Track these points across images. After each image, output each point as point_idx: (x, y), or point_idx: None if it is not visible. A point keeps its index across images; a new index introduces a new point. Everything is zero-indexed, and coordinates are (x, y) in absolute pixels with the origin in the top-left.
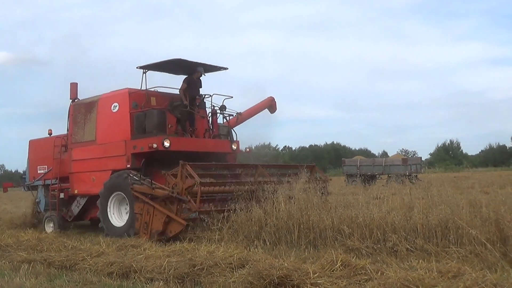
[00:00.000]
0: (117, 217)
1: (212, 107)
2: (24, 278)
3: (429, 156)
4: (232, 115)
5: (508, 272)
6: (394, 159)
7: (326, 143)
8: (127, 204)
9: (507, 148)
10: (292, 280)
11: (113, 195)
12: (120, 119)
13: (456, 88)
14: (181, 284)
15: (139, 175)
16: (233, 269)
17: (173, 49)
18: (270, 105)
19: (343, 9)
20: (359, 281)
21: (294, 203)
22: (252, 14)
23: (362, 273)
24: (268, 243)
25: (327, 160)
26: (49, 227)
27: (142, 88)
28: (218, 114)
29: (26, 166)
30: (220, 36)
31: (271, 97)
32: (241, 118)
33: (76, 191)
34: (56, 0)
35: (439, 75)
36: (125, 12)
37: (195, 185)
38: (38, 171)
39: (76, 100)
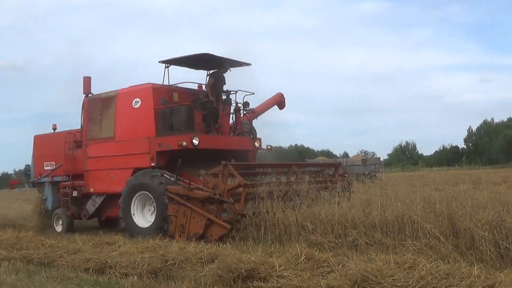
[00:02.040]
0: (141, 217)
1: (236, 104)
2: (5, 275)
3: (387, 156)
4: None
5: (459, 263)
6: (354, 159)
7: (290, 145)
8: (151, 204)
9: (460, 148)
10: (259, 273)
11: (137, 195)
12: (143, 115)
13: (413, 93)
14: (154, 279)
15: (174, 175)
16: (203, 263)
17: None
18: (279, 101)
19: (311, 18)
20: (322, 273)
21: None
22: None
23: (324, 265)
24: (236, 239)
25: (291, 161)
26: (59, 225)
27: (164, 83)
28: (241, 111)
29: (30, 162)
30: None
31: (280, 93)
32: (254, 115)
33: (92, 190)
34: None
35: (397, 80)
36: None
37: (239, 187)
38: (45, 168)
39: (90, 95)
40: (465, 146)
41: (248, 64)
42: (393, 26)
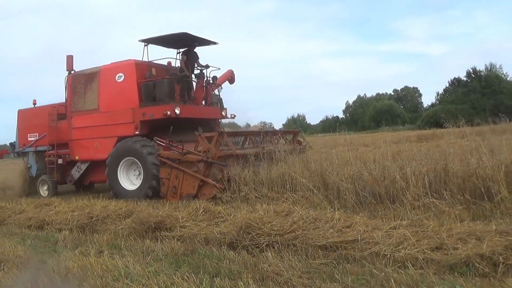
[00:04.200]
0: (126, 180)
1: (206, 78)
2: None
3: (282, 126)
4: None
5: (326, 209)
6: (253, 128)
7: None
8: (135, 168)
9: (339, 118)
10: (165, 225)
11: (123, 160)
12: (126, 88)
13: (302, 74)
14: (82, 232)
15: (167, 141)
16: (121, 218)
17: None
18: (230, 77)
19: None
20: (217, 222)
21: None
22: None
23: (219, 216)
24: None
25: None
26: (44, 190)
27: (143, 60)
28: (211, 84)
29: (15, 134)
30: None
31: (231, 70)
32: (216, 87)
33: (77, 157)
34: None
35: (290, 64)
36: None
37: (231, 156)
38: (29, 139)
39: (73, 72)
40: (344, 116)
41: (215, 43)
42: (285, 20)
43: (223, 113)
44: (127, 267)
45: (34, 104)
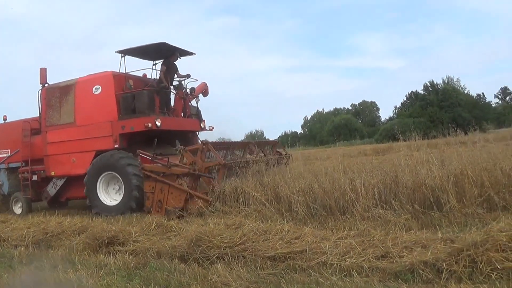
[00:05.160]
0: (106, 196)
1: (185, 89)
2: None
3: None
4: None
5: (277, 222)
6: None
7: None
8: (115, 183)
9: (298, 133)
10: (119, 239)
11: (103, 175)
12: (104, 100)
13: (261, 89)
14: (38, 248)
15: (152, 154)
16: (76, 234)
17: None
18: (204, 89)
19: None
20: (169, 236)
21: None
22: None
23: (171, 230)
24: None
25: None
26: (18, 208)
27: (120, 71)
28: (189, 95)
29: None
30: None
31: (204, 82)
32: (192, 98)
33: (53, 173)
34: None
35: (249, 79)
36: None
37: (218, 165)
38: (0, 155)
39: (47, 85)
40: (302, 131)
41: (192, 54)
42: (245, 36)
43: (201, 125)
44: (80, 281)
45: (5, 119)
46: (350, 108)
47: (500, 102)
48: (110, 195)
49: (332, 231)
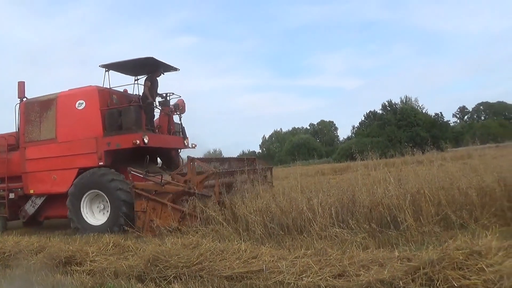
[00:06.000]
0: (91, 215)
1: (169, 106)
2: None
3: None
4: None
5: (234, 241)
6: None
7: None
8: (99, 202)
9: (256, 153)
10: (76, 259)
11: (87, 194)
12: (88, 116)
13: (220, 108)
14: None
15: (144, 171)
16: (34, 253)
17: None
18: (181, 106)
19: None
20: (126, 256)
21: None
22: None
23: (128, 250)
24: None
25: None
26: None
27: (104, 86)
28: (172, 112)
29: None
30: None
31: (181, 99)
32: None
33: (32, 191)
34: None
35: (208, 98)
36: None
37: (210, 177)
38: None
39: (25, 99)
40: (260, 151)
41: (176, 69)
42: (204, 56)
43: (185, 142)
44: None
45: None
46: (309, 127)
47: (458, 121)
48: (95, 215)
49: (289, 251)
